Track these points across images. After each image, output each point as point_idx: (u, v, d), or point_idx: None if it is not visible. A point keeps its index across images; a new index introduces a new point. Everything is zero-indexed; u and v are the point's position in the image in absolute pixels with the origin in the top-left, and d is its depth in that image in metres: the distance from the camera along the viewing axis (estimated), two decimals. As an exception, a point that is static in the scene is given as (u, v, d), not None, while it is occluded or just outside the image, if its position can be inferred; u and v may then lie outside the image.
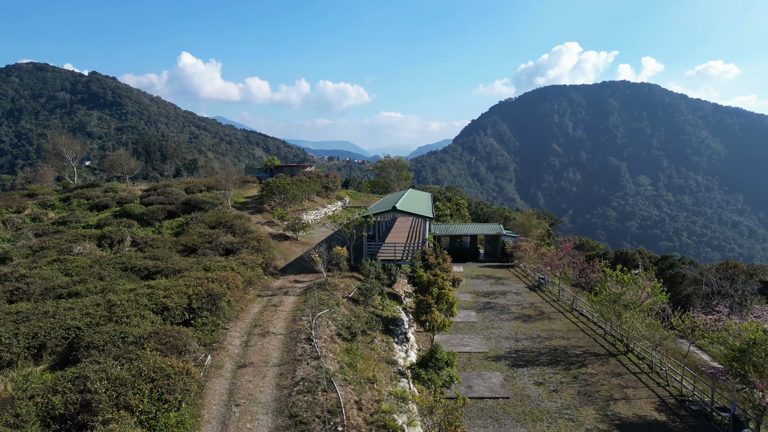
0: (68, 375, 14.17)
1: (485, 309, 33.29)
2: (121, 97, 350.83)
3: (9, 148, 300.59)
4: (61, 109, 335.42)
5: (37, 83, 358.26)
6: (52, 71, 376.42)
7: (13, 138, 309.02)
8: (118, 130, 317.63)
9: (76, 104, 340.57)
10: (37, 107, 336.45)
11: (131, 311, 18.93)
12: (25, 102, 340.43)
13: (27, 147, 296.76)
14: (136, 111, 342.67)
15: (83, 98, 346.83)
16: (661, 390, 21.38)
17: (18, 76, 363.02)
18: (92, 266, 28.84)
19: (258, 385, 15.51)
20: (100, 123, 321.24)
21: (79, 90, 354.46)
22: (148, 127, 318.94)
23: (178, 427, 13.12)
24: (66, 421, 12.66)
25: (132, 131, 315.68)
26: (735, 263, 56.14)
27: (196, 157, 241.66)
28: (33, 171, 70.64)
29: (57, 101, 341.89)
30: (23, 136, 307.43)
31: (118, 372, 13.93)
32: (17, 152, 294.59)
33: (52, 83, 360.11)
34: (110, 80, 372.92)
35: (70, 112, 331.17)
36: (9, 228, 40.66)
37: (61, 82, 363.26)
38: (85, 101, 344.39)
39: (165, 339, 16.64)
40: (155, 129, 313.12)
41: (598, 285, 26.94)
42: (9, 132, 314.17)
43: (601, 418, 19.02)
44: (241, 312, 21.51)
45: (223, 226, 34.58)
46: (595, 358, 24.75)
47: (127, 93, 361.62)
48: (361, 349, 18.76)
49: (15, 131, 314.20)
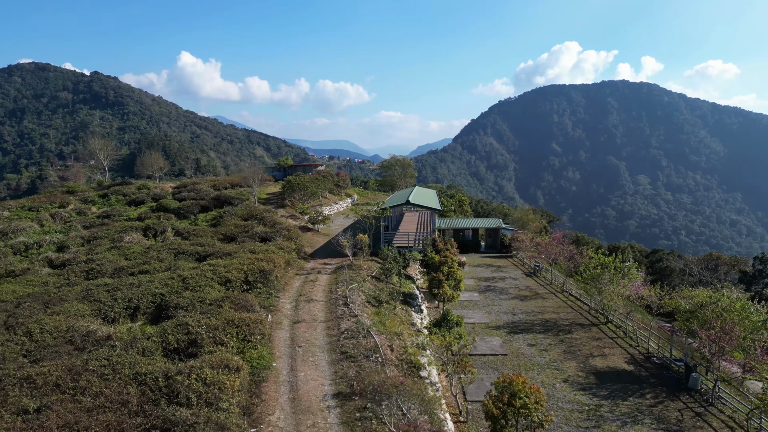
0: (172, 323, 18.73)
1: (486, 291, 37.80)
2: (123, 97, 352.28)
3: (12, 147, 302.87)
4: (63, 108, 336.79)
5: (39, 83, 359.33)
6: (54, 71, 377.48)
7: (16, 138, 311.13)
8: (121, 129, 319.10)
9: (79, 104, 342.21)
10: (40, 107, 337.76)
11: (202, 282, 23.48)
12: (27, 102, 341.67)
13: (30, 147, 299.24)
14: (138, 111, 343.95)
15: (85, 98, 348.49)
16: (632, 349, 25.87)
17: (20, 75, 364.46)
18: (147, 252, 33.40)
19: (312, 334, 20.05)
20: (102, 123, 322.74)
21: (81, 90, 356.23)
22: (150, 127, 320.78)
23: (259, 359, 17.67)
24: (179, 352, 17.23)
25: (134, 131, 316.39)
26: (717, 255, 60.55)
27: (199, 156, 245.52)
28: (67, 170, 74.93)
29: (59, 101, 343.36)
30: (26, 135, 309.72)
31: (212, 321, 18.50)
32: (20, 152, 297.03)
33: (54, 83, 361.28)
34: (112, 80, 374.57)
35: (73, 112, 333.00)
36: (58, 221, 45.18)
37: (63, 82, 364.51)
38: (87, 101, 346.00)
39: (236, 301, 21.21)
40: (157, 129, 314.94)
41: (583, 266, 31.43)
42: (12, 132, 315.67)
43: (581, 368, 23.52)
44: (285, 285, 26.06)
45: (254, 219, 39.09)
46: (579, 327, 29.26)
47: (128, 93, 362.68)
48: (387, 313, 23.26)
49: (18, 131, 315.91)
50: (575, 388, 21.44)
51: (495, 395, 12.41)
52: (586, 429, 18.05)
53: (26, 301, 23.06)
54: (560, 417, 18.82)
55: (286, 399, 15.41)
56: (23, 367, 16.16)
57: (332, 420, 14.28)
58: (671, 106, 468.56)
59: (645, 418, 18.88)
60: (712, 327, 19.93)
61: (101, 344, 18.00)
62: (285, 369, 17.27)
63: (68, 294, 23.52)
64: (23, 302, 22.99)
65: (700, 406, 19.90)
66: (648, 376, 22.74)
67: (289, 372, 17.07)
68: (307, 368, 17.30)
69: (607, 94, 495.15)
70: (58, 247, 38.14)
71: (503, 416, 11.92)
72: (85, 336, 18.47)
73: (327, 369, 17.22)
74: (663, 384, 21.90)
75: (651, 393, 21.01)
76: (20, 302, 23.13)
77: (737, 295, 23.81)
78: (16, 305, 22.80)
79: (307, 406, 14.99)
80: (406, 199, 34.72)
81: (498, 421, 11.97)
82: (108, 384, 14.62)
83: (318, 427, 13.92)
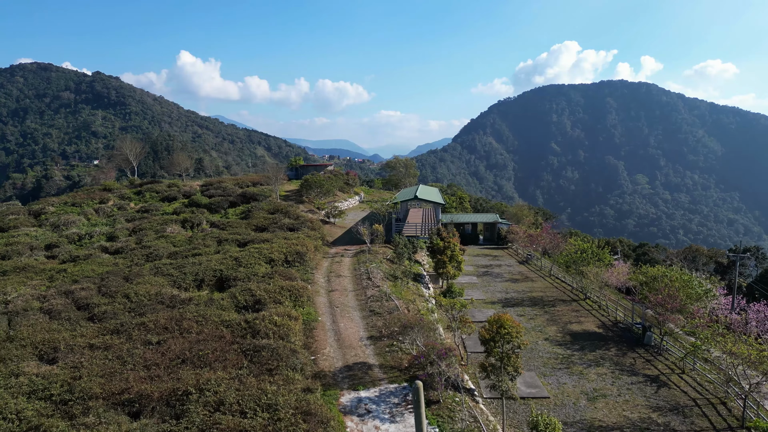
0: (238, 289, 24.11)
1: (484, 275, 43.13)
2: (124, 96, 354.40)
3: (15, 147, 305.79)
4: (65, 108, 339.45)
5: (42, 83, 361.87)
6: (56, 71, 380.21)
7: (19, 137, 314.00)
8: (123, 129, 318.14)
9: (81, 104, 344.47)
10: (42, 107, 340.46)
11: (252, 261, 28.84)
12: (29, 102, 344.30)
13: (33, 146, 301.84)
14: (140, 111, 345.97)
15: (87, 98, 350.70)
16: (603, 318, 31.19)
17: (22, 75, 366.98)
18: (191, 240, 38.75)
19: (344, 299, 25.40)
20: (104, 122, 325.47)
21: (83, 90, 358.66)
22: (152, 127, 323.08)
23: (308, 315, 23.05)
24: (247, 308, 22.59)
25: (136, 131, 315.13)
26: (697, 248, 65.83)
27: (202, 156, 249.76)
28: (99, 170, 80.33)
29: (61, 101, 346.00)
30: (29, 135, 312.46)
31: (269, 287, 23.87)
32: (23, 151, 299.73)
33: (56, 83, 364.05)
34: (114, 80, 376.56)
35: (75, 112, 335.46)
36: (101, 215, 50.55)
37: (65, 81, 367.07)
38: (89, 101, 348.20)
39: (283, 274, 26.60)
40: (159, 128, 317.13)
41: (564, 252, 36.78)
42: (15, 131, 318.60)
43: (559, 331, 28.83)
44: (317, 265, 31.44)
45: (280, 212, 44.43)
46: (561, 302, 34.58)
47: (130, 93, 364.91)
48: (402, 286, 28.64)
49: (20, 130, 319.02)
50: (554, 344, 26.76)
51: (487, 327, 17.65)
52: (559, 369, 23.37)
53: (108, 277, 28.42)
54: (539, 362, 24.15)
55: (332, 340, 20.77)
56: (133, 318, 21.58)
57: (368, 352, 19.64)
58: (669, 105, 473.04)
59: (606, 362, 24.19)
60: (660, 293, 25.22)
61: (186, 303, 23.36)
62: (328, 322, 22.65)
63: (141, 270, 28.91)
64: (106, 277, 28.35)
65: (651, 355, 25.21)
66: (613, 336, 28.06)
67: (331, 323, 22.43)
68: (345, 321, 22.66)
69: (605, 93, 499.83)
70: (108, 237, 43.46)
71: (492, 339, 17.14)
72: (172, 298, 23.86)
73: (360, 321, 22.58)
74: (625, 342, 27.22)
75: (614, 347, 26.34)
76: (103, 277, 28.49)
77: (687, 271, 29.09)
78: (101, 279, 28.15)
79: (349, 344, 20.35)
80: (414, 195, 40.13)
81: (489, 343, 17.21)
82: (203, 327, 20.01)
83: (359, 356, 19.27)
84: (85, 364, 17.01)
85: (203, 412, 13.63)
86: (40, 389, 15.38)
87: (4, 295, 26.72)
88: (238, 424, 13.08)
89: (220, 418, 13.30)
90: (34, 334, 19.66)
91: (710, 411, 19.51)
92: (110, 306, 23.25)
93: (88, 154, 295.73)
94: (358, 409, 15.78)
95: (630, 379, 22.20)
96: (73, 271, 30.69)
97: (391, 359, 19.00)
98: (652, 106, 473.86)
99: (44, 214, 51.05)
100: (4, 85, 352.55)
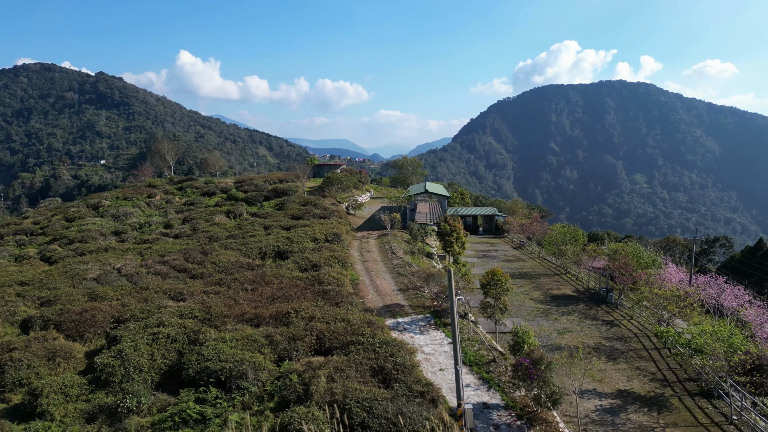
0: (297, 257, 31.92)
1: (482, 257, 50.99)
2: (128, 97, 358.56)
3: (20, 147, 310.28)
4: (69, 108, 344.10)
5: (45, 83, 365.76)
6: (59, 71, 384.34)
7: (24, 137, 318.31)
8: (126, 129, 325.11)
9: (84, 104, 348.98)
10: (46, 107, 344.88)
11: (300, 239, 36.64)
12: (34, 102, 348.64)
13: (38, 146, 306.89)
14: (143, 111, 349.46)
15: (91, 98, 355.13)
16: (578, 286, 39.01)
17: (26, 76, 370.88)
18: (239, 227, 46.56)
19: (376, 266, 33.22)
20: (108, 122, 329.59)
21: (87, 90, 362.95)
22: (155, 127, 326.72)
23: (351, 275, 30.83)
24: (307, 270, 30.37)
25: (140, 131, 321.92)
26: (674, 238, 73.50)
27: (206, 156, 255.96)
28: (138, 170, 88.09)
29: (65, 101, 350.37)
30: (33, 135, 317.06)
31: (321, 255, 31.72)
32: (28, 151, 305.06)
33: (60, 83, 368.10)
34: (117, 80, 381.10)
35: (79, 112, 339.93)
36: (152, 208, 58.42)
37: (69, 82, 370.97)
38: (93, 101, 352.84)
39: (327, 248, 34.38)
40: (162, 128, 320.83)
41: (547, 236, 44.65)
42: (19, 131, 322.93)
43: (542, 294, 36.64)
44: (349, 244, 39.27)
45: (310, 204, 52.26)
46: (546, 276, 42.42)
47: (133, 93, 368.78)
48: (418, 258, 36.44)
49: (25, 130, 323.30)
50: (537, 302, 34.59)
51: (485, 275, 25.43)
52: (539, 317, 31.19)
53: (188, 251, 36.24)
54: (525, 313, 31.95)
55: (372, 291, 28.62)
56: (226, 276, 29.42)
57: (400, 298, 27.47)
58: (668, 105, 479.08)
59: (575, 313, 32.01)
60: (618, 261, 33.04)
61: (259, 267, 31.18)
62: (366, 280, 30.50)
63: (214, 247, 36.74)
64: (186, 252, 36.17)
65: (610, 308, 33.03)
66: (583, 297, 35.91)
67: (369, 281, 30.28)
68: (379, 279, 30.51)
69: (604, 93, 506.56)
70: (164, 225, 51.29)
71: (489, 284, 24.90)
72: (249, 263, 31.71)
73: (391, 280, 30.41)
74: (592, 301, 35.05)
75: (583, 304, 34.16)
76: (184, 252, 36.31)
77: (641, 247, 36.91)
78: (183, 253, 35.96)
79: (385, 293, 28.19)
80: (425, 189, 48.00)
81: (486, 286, 24.99)
82: (281, 280, 27.87)
83: (393, 300, 27.11)
84: (208, 301, 24.81)
85: (302, 322, 21.43)
86: (186, 313, 23.14)
87: (110, 265, 34.61)
88: (327, 327, 20.88)
89: (315, 324, 21.12)
90: (161, 285, 27.51)
91: (645, 340, 27.34)
92: (204, 269, 31.09)
93: (93, 153, 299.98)
94: (397, 327, 23.59)
95: (591, 323, 30.05)
96: (155, 248, 38.52)
97: (416, 302, 26.84)
98: (650, 106, 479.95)
99: (101, 207, 58.94)
100: (8, 86, 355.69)
